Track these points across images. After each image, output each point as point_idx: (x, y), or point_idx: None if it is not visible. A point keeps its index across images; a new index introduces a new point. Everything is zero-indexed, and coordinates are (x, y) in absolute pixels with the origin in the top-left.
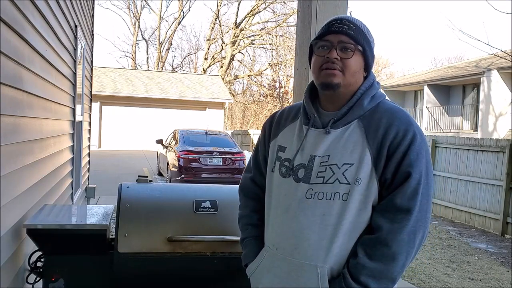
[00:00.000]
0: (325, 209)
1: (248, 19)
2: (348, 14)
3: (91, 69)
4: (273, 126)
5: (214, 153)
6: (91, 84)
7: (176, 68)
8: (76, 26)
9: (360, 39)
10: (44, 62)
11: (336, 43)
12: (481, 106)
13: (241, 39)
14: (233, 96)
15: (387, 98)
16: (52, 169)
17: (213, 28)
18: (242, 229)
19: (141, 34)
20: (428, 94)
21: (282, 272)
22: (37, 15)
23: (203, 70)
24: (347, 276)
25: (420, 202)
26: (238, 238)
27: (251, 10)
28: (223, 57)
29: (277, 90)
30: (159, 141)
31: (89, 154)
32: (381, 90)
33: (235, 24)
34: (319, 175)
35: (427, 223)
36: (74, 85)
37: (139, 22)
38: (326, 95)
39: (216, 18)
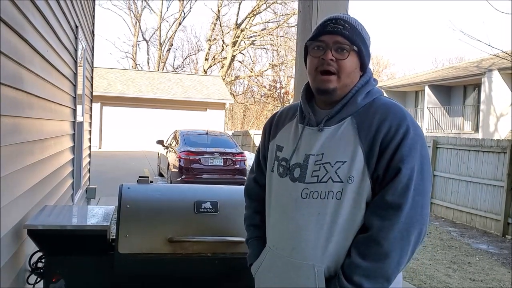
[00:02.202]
0: (320, 209)
1: (249, 20)
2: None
3: (92, 70)
4: (272, 127)
5: (215, 153)
6: (92, 85)
7: (176, 68)
8: (76, 27)
9: (355, 39)
10: (44, 62)
11: (331, 43)
12: (482, 106)
13: (241, 40)
14: (234, 96)
15: (385, 95)
16: (52, 170)
17: (213, 29)
18: (246, 229)
19: (142, 35)
20: (429, 95)
21: (282, 271)
22: (38, 15)
23: (204, 70)
24: (341, 276)
25: (412, 198)
26: (238, 239)
27: (252, 11)
28: (223, 58)
29: (278, 91)
30: (160, 142)
31: (89, 155)
32: (378, 87)
33: (236, 24)
34: (313, 174)
35: (424, 220)
36: (74, 86)
37: (139, 22)
38: (322, 97)
39: (216, 19)
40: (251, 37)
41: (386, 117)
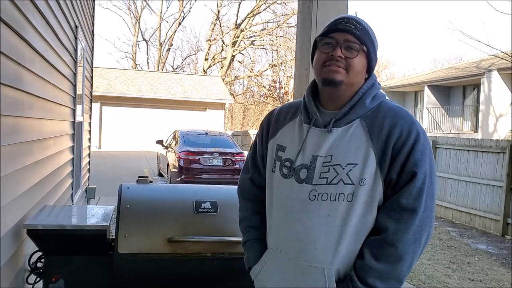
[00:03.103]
0: (330, 211)
1: (249, 20)
2: (354, 14)
3: (92, 70)
4: (271, 125)
5: (214, 153)
6: (92, 85)
7: (176, 68)
8: (76, 27)
9: (365, 40)
10: (44, 62)
11: (342, 41)
12: (481, 107)
13: (241, 40)
14: (233, 96)
15: (387, 98)
16: (52, 169)
17: (213, 29)
18: (244, 231)
19: (142, 35)
20: (428, 95)
21: (288, 274)
22: (37, 15)
23: (204, 70)
24: (354, 278)
25: (425, 201)
26: (238, 239)
27: (252, 11)
28: (223, 58)
29: (277, 91)
30: (159, 142)
31: (89, 155)
32: (382, 91)
33: (236, 24)
34: (322, 175)
35: (432, 222)
36: (74, 86)
37: (139, 22)
38: (327, 93)
39: (216, 19)
40: (250, 37)
41: (396, 122)
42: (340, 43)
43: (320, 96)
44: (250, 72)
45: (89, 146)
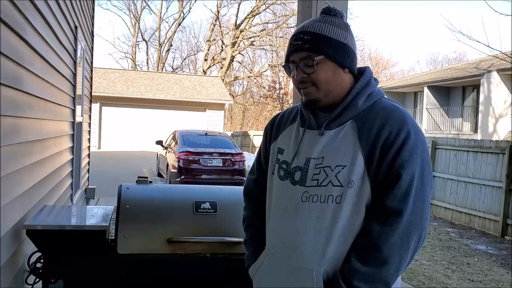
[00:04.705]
0: (319, 212)
1: (248, 20)
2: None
3: (91, 70)
4: (274, 129)
5: (214, 154)
6: (91, 85)
7: (176, 69)
8: (76, 27)
9: (318, 47)
10: (44, 63)
11: (298, 61)
12: (481, 107)
13: (241, 40)
14: (233, 97)
15: (385, 96)
16: (52, 170)
17: (213, 29)
18: (245, 230)
19: (141, 35)
20: (428, 96)
21: (281, 274)
22: (37, 16)
23: (203, 71)
24: (340, 281)
25: (413, 204)
26: (237, 239)
27: (251, 11)
28: (223, 58)
29: (277, 92)
30: (159, 142)
31: (89, 155)
32: (379, 88)
33: (235, 25)
34: (314, 177)
35: (424, 225)
36: (74, 86)
37: (139, 23)
38: None
39: (216, 19)
40: (250, 37)
41: (386, 122)
42: (297, 64)
43: None
44: (250, 72)
45: (89, 147)
